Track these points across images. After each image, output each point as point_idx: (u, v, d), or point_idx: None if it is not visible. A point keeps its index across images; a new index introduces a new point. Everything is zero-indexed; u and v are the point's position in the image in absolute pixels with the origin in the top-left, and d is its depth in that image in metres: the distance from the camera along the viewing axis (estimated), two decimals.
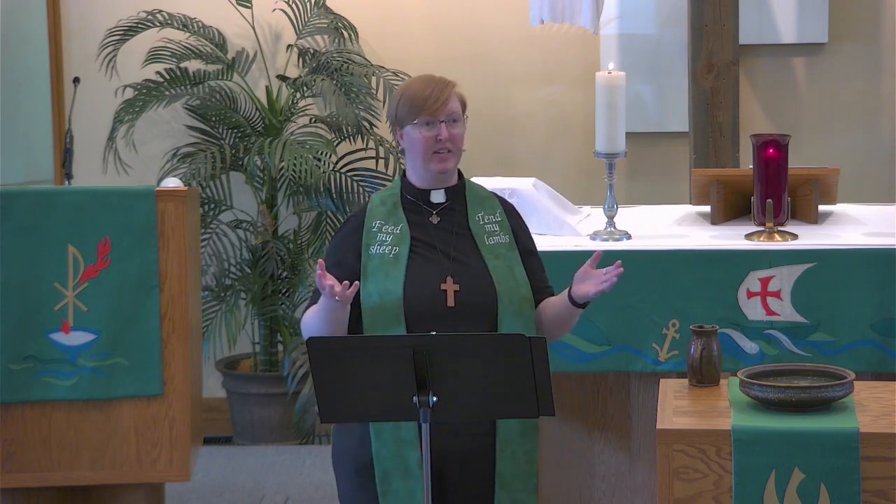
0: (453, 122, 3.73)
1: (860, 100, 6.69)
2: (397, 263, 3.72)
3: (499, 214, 3.84)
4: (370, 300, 3.69)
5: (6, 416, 4.79)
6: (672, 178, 6.62)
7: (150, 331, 4.80)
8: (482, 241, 3.78)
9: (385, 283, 3.69)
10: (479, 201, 3.84)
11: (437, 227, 3.78)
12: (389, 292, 3.68)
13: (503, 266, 3.76)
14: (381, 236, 3.76)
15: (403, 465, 3.69)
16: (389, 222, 3.78)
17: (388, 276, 3.70)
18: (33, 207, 4.78)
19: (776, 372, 3.72)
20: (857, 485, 3.43)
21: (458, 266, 3.73)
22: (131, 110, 6.51)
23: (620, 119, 4.58)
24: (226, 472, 6.27)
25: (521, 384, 3.41)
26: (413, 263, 3.72)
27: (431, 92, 3.71)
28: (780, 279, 4.38)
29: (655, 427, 3.55)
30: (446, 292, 3.69)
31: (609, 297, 4.37)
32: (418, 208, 3.79)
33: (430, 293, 3.69)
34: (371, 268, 3.72)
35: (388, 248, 3.74)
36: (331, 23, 6.69)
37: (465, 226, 3.80)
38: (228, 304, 6.57)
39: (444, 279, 3.70)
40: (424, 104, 3.70)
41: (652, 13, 6.68)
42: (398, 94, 3.77)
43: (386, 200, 3.82)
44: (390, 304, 3.67)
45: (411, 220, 3.78)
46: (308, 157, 6.29)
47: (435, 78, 3.77)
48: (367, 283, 3.70)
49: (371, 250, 3.74)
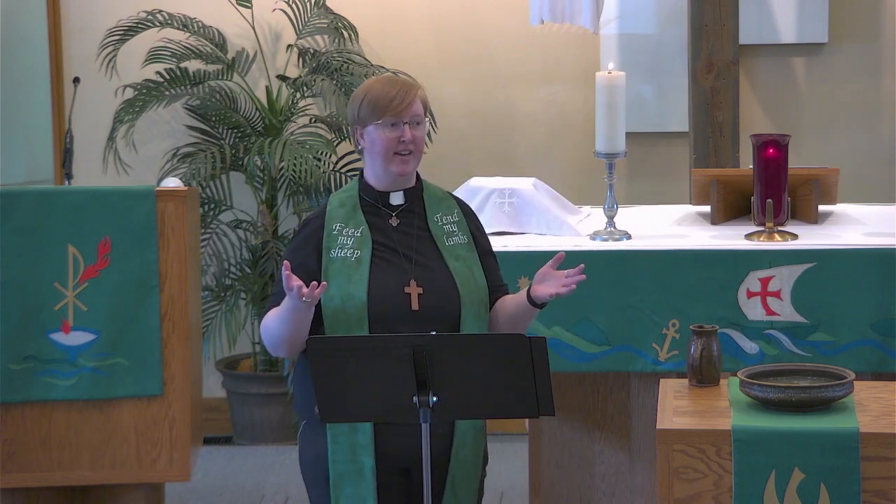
0: (416, 125, 3.73)
1: (860, 100, 6.69)
2: (360, 267, 3.71)
3: (456, 214, 3.85)
4: (332, 304, 3.68)
5: (6, 416, 4.79)
6: (672, 178, 6.62)
7: (150, 331, 4.80)
8: (442, 242, 3.79)
9: (347, 288, 3.68)
10: (436, 202, 3.84)
11: (396, 229, 3.78)
12: (352, 297, 3.67)
13: (464, 268, 3.77)
14: (341, 239, 3.74)
15: (357, 470, 3.69)
16: (349, 225, 3.76)
17: (351, 280, 3.69)
18: (33, 207, 4.78)
19: (776, 372, 3.72)
20: (857, 485, 3.43)
21: (420, 269, 3.74)
22: (131, 110, 6.51)
23: (620, 119, 4.58)
24: (226, 472, 6.27)
25: (521, 384, 3.41)
26: (376, 267, 3.72)
27: (396, 93, 3.71)
28: (780, 279, 4.38)
29: (655, 427, 3.55)
30: (410, 296, 3.70)
31: (609, 297, 4.39)
32: (377, 210, 3.79)
33: (395, 297, 3.69)
34: (332, 271, 3.71)
35: (349, 252, 3.73)
36: (331, 23, 6.69)
37: (425, 227, 3.80)
38: (228, 304, 6.57)
39: (407, 283, 3.71)
40: (389, 105, 3.70)
41: (652, 13, 6.68)
42: (360, 93, 3.76)
43: (345, 202, 3.80)
44: (353, 309, 3.67)
45: (371, 222, 3.77)
46: (308, 157, 6.29)
47: (399, 79, 3.79)
48: (328, 287, 3.68)
49: (332, 253, 3.73)
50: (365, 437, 3.67)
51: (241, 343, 6.74)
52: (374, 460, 3.68)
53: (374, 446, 3.68)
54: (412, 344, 3.40)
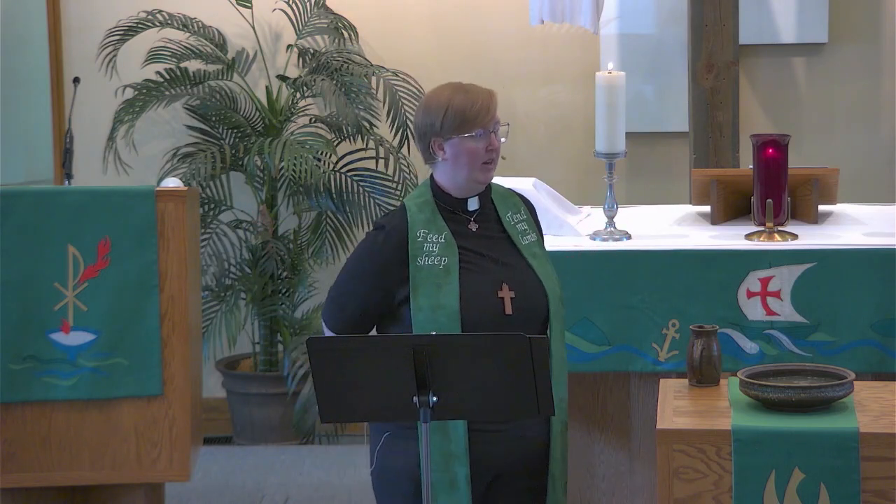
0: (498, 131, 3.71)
1: (860, 100, 6.69)
2: (449, 275, 3.65)
3: (523, 212, 3.82)
4: (420, 314, 3.63)
5: (6, 416, 4.79)
6: (672, 178, 6.62)
7: (150, 331, 4.79)
8: (519, 242, 3.76)
9: (437, 297, 3.63)
10: (503, 201, 3.81)
11: (476, 234, 3.73)
12: (443, 306, 3.63)
13: (543, 265, 3.75)
14: (427, 246, 3.68)
15: (449, 480, 3.65)
16: (432, 231, 3.70)
17: (441, 288, 3.64)
18: (33, 207, 4.78)
19: (776, 372, 3.72)
20: (857, 485, 3.43)
21: (508, 272, 3.70)
22: (131, 110, 6.51)
23: (620, 119, 4.58)
24: (226, 472, 6.27)
25: (521, 384, 3.41)
26: (466, 274, 3.67)
27: (482, 103, 3.66)
28: (780, 279, 4.38)
29: (655, 427, 3.55)
30: (503, 300, 3.66)
31: (609, 297, 4.39)
32: (456, 217, 3.74)
33: (488, 303, 3.65)
34: (420, 280, 3.65)
35: (436, 259, 3.67)
36: (331, 23, 6.69)
37: (501, 229, 3.77)
38: (228, 304, 6.57)
39: (499, 287, 3.67)
40: (477, 116, 3.65)
41: (652, 13, 6.68)
42: (439, 105, 3.67)
43: (423, 208, 3.73)
44: (444, 318, 3.62)
45: (452, 228, 3.72)
46: (308, 157, 6.29)
47: (475, 87, 3.71)
48: (416, 297, 3.64)
49: (419, 261, 3.67)
50: (458, 446, 3.64)
51: (241, 343, 6.74)
52: (468, 469, 3.64)
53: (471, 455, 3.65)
54: (412, 344, 3.40)
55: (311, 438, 6.64)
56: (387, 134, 6.59)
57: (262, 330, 6.75)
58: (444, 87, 3.73)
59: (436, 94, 3.71)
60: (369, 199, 6.65)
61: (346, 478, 6.18)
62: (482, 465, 3.67)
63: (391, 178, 6.58)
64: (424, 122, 3.70)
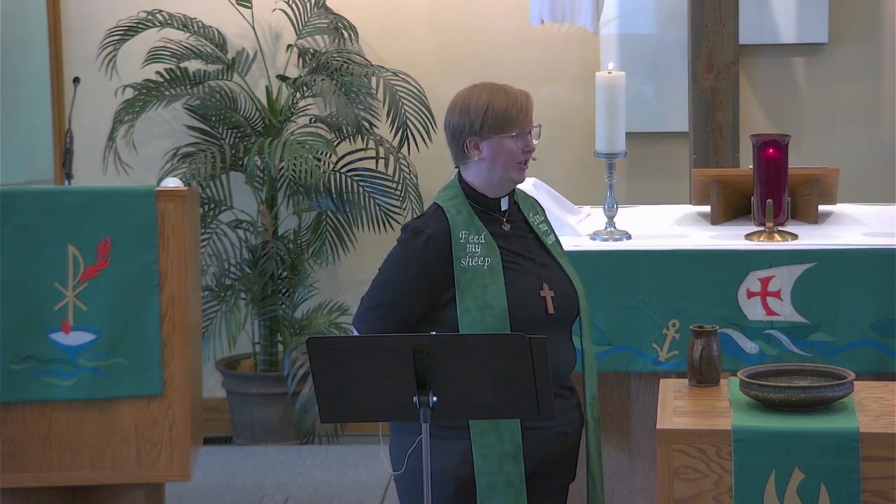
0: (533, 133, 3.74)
1: (860, 100, 6.69)
2: (494, 276, 3.65)
3: (541, 213, 3.87)
4: (468, 315, 3.63)
5: (6, 416, 4.79)
6: (672, 178, 6.62)
7: (150, 331, 4.80)
8: (545, 242, 3.80)
9: (484, 298, 3.63)
10: (523, 202, 3.85)
11: (509, 233, 3.75)
12: (491, 306, 3.63)
13: (569, 265, 3.81)
14: (469, 247, 3.68)
15: (505, 479, 3.65)
16: (472, 232, 3.70)
17: (487, 289, 3.64)
18: (33, 207, 4.78)
19: (776, 372, 3.72)
20: (857, 485, 3.43)
21: (546, 271, 3.73)
22: (131, 110, 6.51)
23: (620, 119, 4.58)
24: (226, 472, 6.27)
25: (521, 384, 3.41)
26: (510, 274, 3.67)
27: (521, 104, 3.69)
28: (780, 279, 4.38)
29: (655, 427, 3.55)
30: (545, 299, 3.68)
31: (609, 297, 4.39)
32: (490, 216, 3.74)
33: (533, 302, 3.67)
34: (465, 281, 3.65)
35: (479, 260, 3.67)
36: (331, 23, 6.69)
37: (530, 229, 3.79)
38: (228, 304, 6.57)
39: (541, 286, 3.69)
40: (517, 117, 3.68)
41: (652, 13, 6.68)
42: (479, 106, 3.67)
43: (460, 209, 3.73)
44: (492, 318, 3.62)
45: (488, 228, 3.72)
46: (308, 157, 6.29)
47: (511, 88, 3.73)
48: (463, 299, 3.64)
49: (463, 263, 3.66)
50: (513, 445, 3.64)
51: (241, 343, 6.74)
52: (523, 468, 3.65)
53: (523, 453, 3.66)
54: (412, 344, 3.40)
55: (311, 438, 6.64)
56: (387, 134, 6.59)
57: (262, 330, 6.75)
58: (481, 88, 3.73)
59: (473, 95, 3.71)
60: (369, 199, 6.65)
61: (346, 478, 6.18)
62: (528, 462, 3.68)
63: (391, 178, 6.58)
64: (462, 121, 3.70)
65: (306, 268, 6.69)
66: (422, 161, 6.60)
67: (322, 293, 6.83)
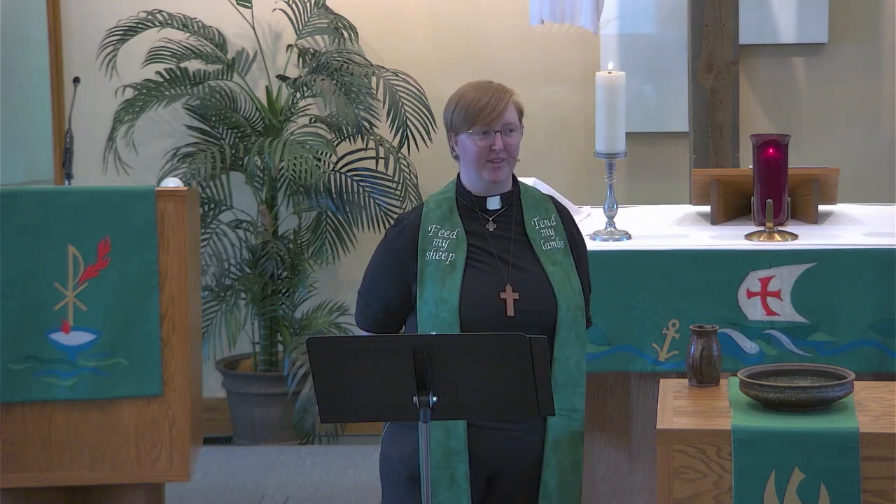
0: (509, 132, 3.67)
1: (860, 100, 6.69)
2: (453, 271, 3.66)
3: (554, 219, 3.78)
4: (426, 309, 3.65)
5: (6, 416, 4.79)
6: (672, 178, 6.62)
7: (150, 331, 4.80)
8: (539, 247, 3.73)
9: (441, 292, 3.64)
10: (534, 206, 3.78)
11: (493, 234, 3.72)
12: (446, 301, 3.63)
13: (560, 272, 3.72)
14: (436, 241, 3.69)
15: (449, 476, 3.67)
16: (445, 227, 3.70)
17: (444, 284, 3.65)
18: (33, 207, 4.78)
19: (776, 372, 3.72)
20: (857, 485, 3.43)
21: (517, 274, 3.69)
22: (131, 110, 6.51)
23: (620, 119, 4.58)
24: (226, 472, 6.27)
25: (521, 384, 3.41)
26: (471, 271, 3.67)
27: (488, 101, 3.64)
28: (780, 279, 4.38)
29: (655, 427, 3.55)
30: (506, 301, 3.65)
31: (609, 297, 4.39)
32: (474, 215, 3.73)
33: (488, 303, 3.64)
34: (427, 274, 3.66)
35: (444, 255, 3.68)
36: (331, 23, 6.69)
37: (522, 232, 3.74)
38: (228, 304, 6.57)
39: (503, 288, 3.66)
40: (480, 114, 3.64)
41: (652, 13, 6.68)
42: (454, 100, 3.69)
43: (441, 204, 3.74)
44: (446, 314, 3.63)
45: (467, 226, 3.71)
46: (308, 157, 6.29)
47: (492, 85, 3.69)
48: (423, 292, 3.66)
49: (427, 256, 3.68)
50: (459, 443, 3.64)
51: (241, 343, 6.74)
52: (467, 465, 3.65)
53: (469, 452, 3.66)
54: (412, 344, 3.40)
55: (311, 438, 6.64)
56: (387, 134, 6.59)
57: (262, 330, 6.75)
58: (468, 85, 3.73)
59: (458, 91, 3.72)
60: (369, 199, 6.65)
61: (346, 478, 6.18)
62: (480, 462, 3.68)
63: (391, 178, 6.58)
64: (445, 117, 3.73)
65: (306, 268, 6.69)
66: (422, 161, 6.60)
67: (322, 293, 6.83)
